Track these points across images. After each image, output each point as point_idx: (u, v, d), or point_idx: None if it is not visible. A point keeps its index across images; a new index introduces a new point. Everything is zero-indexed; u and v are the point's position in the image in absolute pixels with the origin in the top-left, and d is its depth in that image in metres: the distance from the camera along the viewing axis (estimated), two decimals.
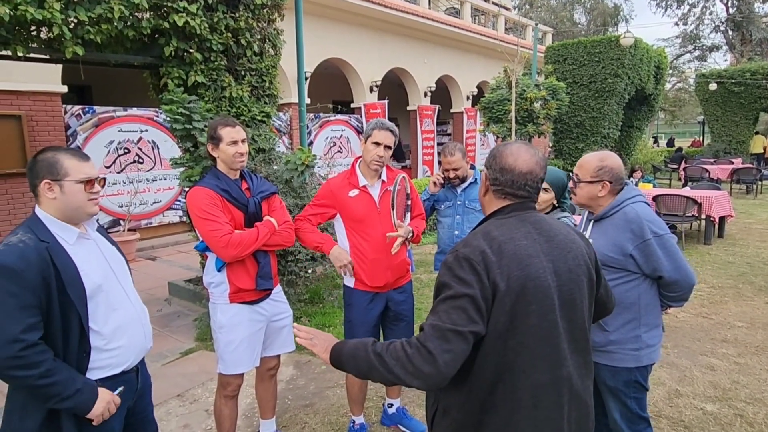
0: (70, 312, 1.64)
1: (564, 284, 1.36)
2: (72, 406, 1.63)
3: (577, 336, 1.40)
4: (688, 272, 2.00)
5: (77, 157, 1.74)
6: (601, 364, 2.10)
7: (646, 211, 2.04)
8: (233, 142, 2.36)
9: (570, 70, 11.63)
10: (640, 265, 2.01)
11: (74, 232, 1.72)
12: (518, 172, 1.42)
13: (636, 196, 2.10)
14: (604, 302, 1.60)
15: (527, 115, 9.69)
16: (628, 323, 2.05)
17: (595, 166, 2.10)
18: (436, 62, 14.39)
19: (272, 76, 5.17)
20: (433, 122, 14.30)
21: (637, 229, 1.99)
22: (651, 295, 2.07)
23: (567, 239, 1.43)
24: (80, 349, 1.68)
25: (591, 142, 11.46)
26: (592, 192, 2.11)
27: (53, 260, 1.61)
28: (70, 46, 3.79)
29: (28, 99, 7.35)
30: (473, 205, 3.27)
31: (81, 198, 1.72)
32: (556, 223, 1.47)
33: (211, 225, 2.24)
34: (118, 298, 1.80)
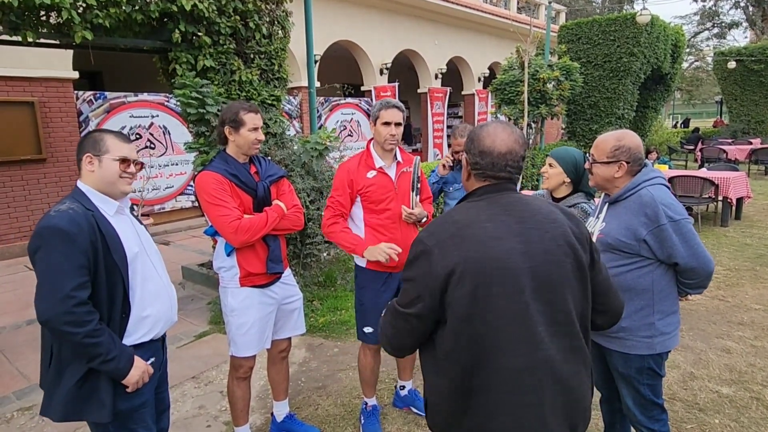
0: (114, 274, 1.78)
1: (539, 265, 1.32)
2: (110, 370, 1.74)
3: (558, 319, 1.34)
4: (705, 259, 1.91)
5: (120, 139, 1.91)
6: (612, 350, 2.08)
7: (663, 194, 1.94)
8: (255, 128, 2.37)
9: (584, 50, 11.37)
10: (654, 251, 1.94)
11: (114, 205, 1.87)
12: (497, 153, 1.40)
13: (654, 178, 2.00)
14: (605, 292, 1.48)
15: (540, 97, 9.52)
16: (641, 310, 1.99)
17: (611, 146, 2.01)
18: (446, 44, 14.18)
19: (281, 58, 5.13)
20: (444, 105, 14.16)
21: (651, 214, 1.90)
22: (666, 281, 2.00)
23: (546, 219, 1.38)
24: (122, 311, 1.81)
25: (605, 123, 11.24)
26: (608, 173, 2.03)
27: (99, 226, 1.75)
28: (79, 30, 3.78)
29: (40, 85, 7.39)
30: None
31: (115, 173, 1.86)
32: (535, 203, 1.42)
33: (220, 210, 2.24)
34: (149, 269, 1.93)
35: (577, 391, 1.38)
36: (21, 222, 7.31)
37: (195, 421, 3.05)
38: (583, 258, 1.38)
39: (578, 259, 1.37)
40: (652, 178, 2.00)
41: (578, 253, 1.38)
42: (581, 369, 1.39)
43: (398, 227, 2.58)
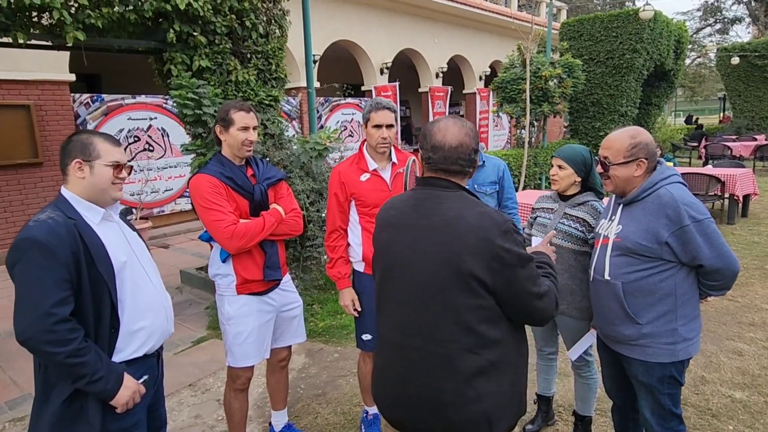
0: (100, 287, 1.67)
1: (414, 263, 1.45)
2: (97, 391, 1.63)
3: (414, 318, 1.47)
4: (731, 259, 1.82)
5: (110, 142, 1.80)
6: (632, 359, 1.97)
7: (683, 193, 1.84)
8: (244, 128, 2.26)
9: (586, 47, 11.26)
10: (677, 254, 1.83)
11: (99, 212, 1.75)
12: (449, 147, 1.47)
13: (671, 176, 1.89)
14: (517, 304, 1.45)
15: (542, 94, 9.42)
16: (664, 315, 1.88)
17: (627, 144, 1.90)
18: (447, 42, 14.08)
19: (279, 58, 5.04)
20: (445, 104, 14.05)
21: (673, 215, 1.80)
22: (688, 285, 1.89)
23: (446, 224, 1.42)
24: (110, 326, 1.71)
25: (608, 120, 11.14)
26: (627, 173, 1.91)
27: (81, 236, 1.64)
28: (71, 31, 3.70)
29: (36, 88, 7.31)
30: (483, 189, 3.14)
31: (107, 180, 1.76)
32: (449, 207, 1.44)
33: (214, 215, 2.15)
34: (141, 279, 1.83)
35: (429, 399, 1.46)
36: (17, 226, 7.23)
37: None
38: (471, 269, 1.37)
39: (461, 272, 1.38)
40: (669, 177, 1.89)
41: (465, 266, 1.37)
42: (439, 376, 1.45)
43: None
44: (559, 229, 2.40)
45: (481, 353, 1.44)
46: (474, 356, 1.43)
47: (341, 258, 2.53)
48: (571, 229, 2.37)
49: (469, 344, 1.43)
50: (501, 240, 1.39)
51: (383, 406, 1.60)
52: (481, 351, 1.44)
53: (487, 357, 1.44)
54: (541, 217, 2.52)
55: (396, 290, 1.51)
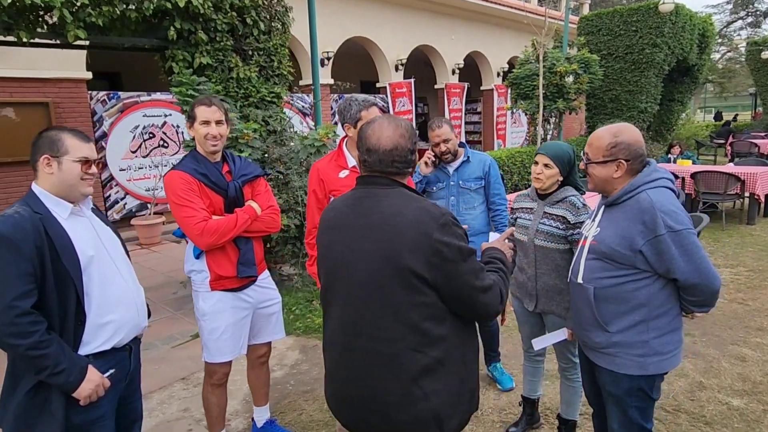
0: (65, 280, 1.69)
1: (354, 263, 1.44)
2: (59, 383, 1.66)
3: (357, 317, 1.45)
4: (709, 275, 1.69)
5: (79, 138, 1.81)
6: (601, 368, 1.90)
7: (665, 199, 1.72)
8: (205, 122, 2.26)
9: (604, 42, 10.99)
10: (651, 264, 1.72)
11: (67, 207, 1.78)
12: (383, 151, 1.45)
13: (658, 179, 1.77)
14: (462, 301, 1.43)
15: (557, 91, 9.24)
16: (635, 326, 1.78)
17: (607, 143, 1.79)
18: (464, 38, 13.93)
19: (281, 55, 5.06)
20: (461, 101, 13.93)
21: (649, 222, 1.69)
22: (665, 297, 1.77)
23: (384, 222, 1.40)
24: (76, 318, 1.73)
25: (627, 117, 10.86)
26: (605, 174, 1.82)
27: (47, 231, 1.67)
28: (72, 29, 3.78)
29: (54, 86, 7.50)
30: (468, 185, 3.09)
31: (76, 176, 1.77)
32: (387, 204, 1.43)
33: (185, 211, 2.17)
34: (111, 274, 1.85)
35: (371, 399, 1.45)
36: None
37: (177, 425, 3.00)
38: (411, 265, 1.36)
39: (400, 268, 1.36)
40: (655, 180, 1.77)
41: (402, 261, 1.36)
42: (383, 376, 1.42)
43: None
44: (541, 230, 2.34)
45: (427, 351, 1.41)
46: (419, 355, 1.41)
47: None
48: (552, 228, 2.32)
49: (414, 343, 1.40)
50: (439, 234, 1.36)
51: (333, 409, 1.59)
52: (426, 349, 1.41)
53: (432, 355, 1.42)
54: (522, 218, 2.47)
55: (339, 292, 1.50)
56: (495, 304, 1.46)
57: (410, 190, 1.50)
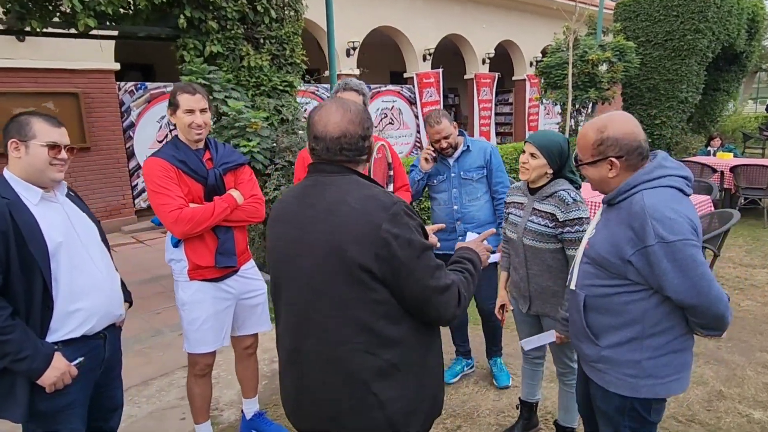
0: (32, 267, 1.67)
1: (299, 257, 1.34)
2: (22, 370, 1.65)
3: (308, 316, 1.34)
4: (711, 296, 1.43)
5: (48, 122, 1.79)
6: (592, 381, 1.73)
7: (661, 202, 1.47)
8: (189, 111, 2.21)
9: (642, 28, 10.43)
10: (644, 277, 1.51)
11: (37, 193, 1.76)
12: (330, 139, 1.34)
13: (659, 177, 1.52)
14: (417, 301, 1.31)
15: (589, 80, 8.85)
16: (627, 343, 1.58)
17: (592, 141, 1.57)
18: (495, 27, 13.54)
19: (294, 43, 5.00)
20: (491, 91, 13.58)
21: (638, 229, 1.47)
22: (663, 314, 1.54)
23: (329, 211, 1.30)
24: (43, 305, 1.72)
25: (665, 107, 10.30)
26: (598, 175, 1.60)
27: (13, 216, 1.65)
28: (83, 18, 3.80)
29: (84, 77, 7.70)
30: (470, 175, 2.94)
31: (43, 160, 1.74)
32: (332, 192, 1.32)
33: (161, 198, 2.12)
34: (82, 260, 1.82)
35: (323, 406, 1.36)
36: None
37: (171, 413, 3.00)
38: (357, 258, 1.25)
39: (345, 260, 1.26)
40: (656, 178, 1.52)
41: (348, 254, 1.25)
42: (333, 381, 1.33)
43: None
44: (529, 228, 2.18)
45: (380, 354, 1.30)
46: (371, 357, 1.30)
47: None
48: (540, 227, 2.15)
49: (365, 344, 1.30)
50: (388, 224, 1.25)
51: (288, 415, 1.50)
52: (379, 351, 1.30)
53: (386, 358, 1.31)
54: (512, 215, 2.31)
55: (286, 289, 1.40)
56: (450, 307, 1.33)
57: (364, 178, 1.39)
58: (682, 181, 1.55)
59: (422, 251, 1.29)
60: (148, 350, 3.79)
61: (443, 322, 1.38)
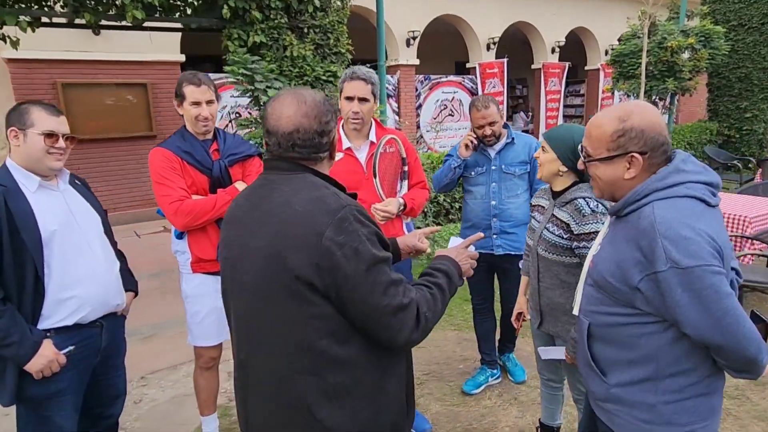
0: (24, 254, 1.68)
1: (243, 264, 1.21)
2: (9, 355, 1.68)
3: (256, 328, 1.22)
4: (737, 334, 1.17)
5: (47, 111, 1.79)
6: (599, 420, 1.48)
7: (677, 216, 1.19)
8: (195, 103, 2.16)
9: (734, 10, 9.40)
10: (655, 307, 1.24)
11: (35, 181, 1.77)
12: (282, 133, 1.21)
13: (676, 185, 1.24)
14: (363, 320, 1.15)
15: (667, 69, 8.10)
16: (640, 383, 1.32)
17: (612, 130, 1.29)
18: (567, 13, 12.77)
19: (339, 32, 4.92)
20: (561, 81, 12.86)
21: (647, 249, 1.20)
22: (682, 351, 1.26)
23: (272, 214, 1.17)
24: (35, 292, 1.73)
25: (758, 99, 9.26)
26: (611, 175, 1.32)
27: (7, 203, 1.67)
28: (131, 10, 3.93)
29: (152, 68, 8.09)
30: (512, 170, 2.71)
31: (40, 149, 1.75)
32: (280, 193, 1.19)
33: (163, 189, 2.10)
34: (78, 249, 1.83)
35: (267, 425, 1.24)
36: (134, 192, 8.16)
37: (187, 400, 3.03)
38: (296, 268, 1.11)
39: (286, 269, 1.12)
40: (672, 186, 1.24)
41: (286, 262, 1.11)
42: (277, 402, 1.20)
43: None
44: (544, 237, 1.94)
45: (324, 375, 1.16)
46: (314, 379, 1.16)
47: None
48: (554, 237, 1.91)
49: (307, 364, 1.16)
50: (332, 231, 1.09)
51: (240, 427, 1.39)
52: (323, 372, 1.16)
53: (332, 380, 1.16)
54: (534, 219, 2.08)
55: (232, 297, 1.28)
56: (405, 330, 1.14)
57: (323, 177, 1.24)
58: (705, 189, 1.25)
59: (372, 264, 1.12)
60: (178, 336, 3.89)
61: (396, 347, 1.18)
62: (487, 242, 2.76)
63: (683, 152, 1.32)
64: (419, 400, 2.90)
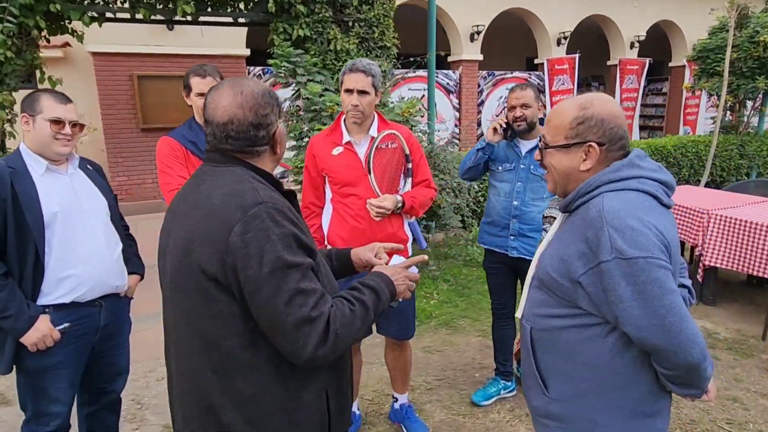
0: (25, 233, 1.78)
1: (167, 256, 1.19)
2: (6, 327, 1.78)
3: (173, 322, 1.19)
4: (679, 336, 1.07)
5: (55, 99, 1.88)
6: None
7: (626, 207, 1.13)
8: (200, 94, 2.20)
9: None
10: (597, 305, 1.16)
11: (42, 164, 1.86)
12: (216, 124, 1.16)
13: (627, 179, 1.18)
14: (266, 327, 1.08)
15: (759, 66, 7.30)
16: (580, 397, 1.22)
17: (571, 118, 1.23)
18: (650, 5, 11.87)
19: (385, 25, 4.87)
20: (640, 79, 11.98)
21: (592, 240, 1.13)
22: (625, 362, 1.17)
23: (193, 206, 1.14)
24: (35, 269, 1.82)
25: None
26: (567, 165, 1.26)
27: (13, 185, 1.77)
28: (181, 5, 4.10)
29: (218, 62, 8.43)
30: (540, 172, 2.53)
31: (47, 135, 1.84)
32: (206, 185, 1.15)
33: (164, 177, 2.16)
34: (81, 231, 1.90)
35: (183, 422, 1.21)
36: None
37: None
38: (201, 262, 1.07)
39: (193, 262, 1.09)
40: (624, 179, 1.18)
41: (194, 255, 1.08)
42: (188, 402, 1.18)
43: (367, 215, 2.15)
44: None
45: (232, 379, 1.11)
46: (220, 382, 1.11)
47: None
48: None
49: (213, 364, 1.11)
50: (241, 227, 1.04)
51: None
52: (231, 376, 1.11)
53: (238, 386, 1.10)
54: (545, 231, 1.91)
55: (161, 287, 1.26)
56: (308, 345, 1.05)
57: (258, 172, 1.19)
58: (659, 187, 1.20)
59: (278, 267, 1.04)
60: None
61: (300, 362, 1.08)
62: (503, 242, 2.62)
63: (639, 149, 1.25)
64: (425, 407, 2.80)
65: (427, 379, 3.10)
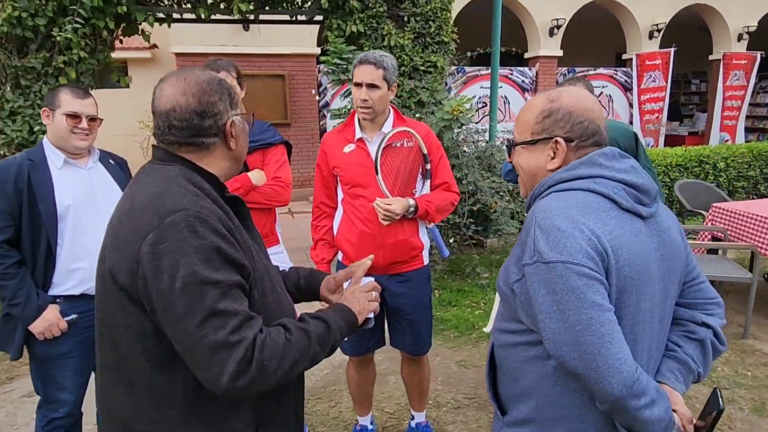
0: (38, 224, 1.84)
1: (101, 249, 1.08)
2: (16, 314, 1.86)
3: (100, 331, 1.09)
4: (596, 359, 0.91)
5: (73, 94, 1.93)
6: None
7: (557, 207, 1.00)
8: None
9: None
10: (529, 317, 1.04)
11: (61, 157, 1.92)
12: (159, 113, 1.07)
13: (580, 178, 1.05)
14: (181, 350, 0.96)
15: None
16: (524, 424, 1.08)
17: (538, 111, 1.11)
18: None
19: (442, 20, 4.65)
20: (748, 75, 10.68)
21: (524, 242, 1.04)
22: (563, 388, 1.02)
23: (118, 207, 1.08)
24: (47, 260, 1.89)
25: None
26: (533, 163, 1.13)
27: (30, 177, 1.83)
28: (237, 3, 4.17)
29: (290, 61, 8.65)
30: None
31: (65, 128, 1.89)
32: (137, 187, 1.06)
33: None
34: (92, 224, 1.92)
35: None
36: None
37: None
38: (112, 269, 0.99)
39: (104, 268, 1.02)
40: (577, 179, 1.05)
41: (107, 262, 1.01)
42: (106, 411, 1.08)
43: (376, 219, 2.00)
44: None
45: (140, 399, 1.02)
46: (129, 400, 1.02)
47: (322, 240, 2.20)
48: None
49: (124, 377, 1.02)
50: (154, 236, 0.93)
51: None
52: (140, 396, 1.02)
53: (152, 411, 1.01)
54: None
55: None
56: (225, 375, 0.91)
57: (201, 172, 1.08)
58: (621, 189, 1.03)
59: (193, 283, 0.91)
60: None
61: (218, 392, 0.94)
62: None
63: (614, 148, 1.09)
64: (447, 427, 2.60)
65: (457, 397, 2.88)
